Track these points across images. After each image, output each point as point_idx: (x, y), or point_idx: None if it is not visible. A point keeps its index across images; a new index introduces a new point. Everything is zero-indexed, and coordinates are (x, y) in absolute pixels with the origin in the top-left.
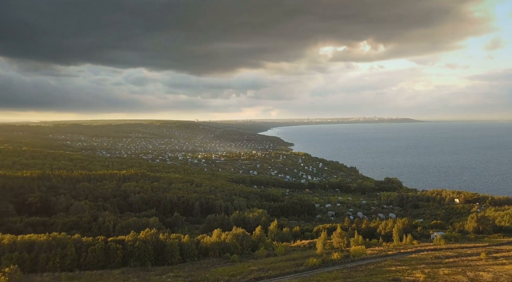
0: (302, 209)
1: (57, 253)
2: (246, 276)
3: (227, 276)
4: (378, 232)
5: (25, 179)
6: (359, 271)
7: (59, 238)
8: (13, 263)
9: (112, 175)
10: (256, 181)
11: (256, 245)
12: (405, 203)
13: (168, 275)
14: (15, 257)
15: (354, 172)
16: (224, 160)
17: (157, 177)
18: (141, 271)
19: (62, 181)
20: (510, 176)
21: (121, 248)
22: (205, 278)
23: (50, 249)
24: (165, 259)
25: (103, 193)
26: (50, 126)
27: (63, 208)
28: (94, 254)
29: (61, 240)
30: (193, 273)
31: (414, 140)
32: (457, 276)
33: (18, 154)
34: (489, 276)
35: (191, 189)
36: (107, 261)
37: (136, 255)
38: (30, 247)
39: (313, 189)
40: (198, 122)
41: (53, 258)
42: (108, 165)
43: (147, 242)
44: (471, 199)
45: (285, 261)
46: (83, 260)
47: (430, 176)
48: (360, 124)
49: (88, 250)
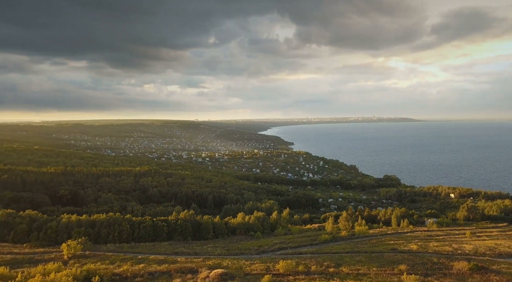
0: (306, 203)
1: (115, 228)
2: (271, 247)
3: (256, 246)
4: (378, 218)
5: (51, 175)
6: (364, 244)
7: (115, 217)
8: (81, 236)
9: (129, 172)
10: (260, 178)
11: (274, 226)
12: (403, 198)
13: (207, 246)
14: (82, 232)
15: (354, 170)
16: (228, 158)
17: (170, 174)
18: (184, 243)
19: (84, 176)
20: (504, 173)
21: (166, 226)
22: (238, 248)
23: (109, 225)
24: (201, 235)
25: (124, 187)
26: (53, 125)
27: (91, 200)
28: (145, 229)
29: (117, 218)
30: (227, 245)
31: (412, 139)
32: (444, 247)
33: (31, 152)
34: (470, 247)
35: (203, 184)
36: (156, 235)
37: (179, 231)
38: (92, 224)
39: (315, 186)
40: (198, 122)
41: (112, 232)
42: (118, 163)
43: (187, 221)
44: (465, 194)
45: (301, 237)
46: (136, 234)
47: (429, 174)
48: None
49: (140, 227)
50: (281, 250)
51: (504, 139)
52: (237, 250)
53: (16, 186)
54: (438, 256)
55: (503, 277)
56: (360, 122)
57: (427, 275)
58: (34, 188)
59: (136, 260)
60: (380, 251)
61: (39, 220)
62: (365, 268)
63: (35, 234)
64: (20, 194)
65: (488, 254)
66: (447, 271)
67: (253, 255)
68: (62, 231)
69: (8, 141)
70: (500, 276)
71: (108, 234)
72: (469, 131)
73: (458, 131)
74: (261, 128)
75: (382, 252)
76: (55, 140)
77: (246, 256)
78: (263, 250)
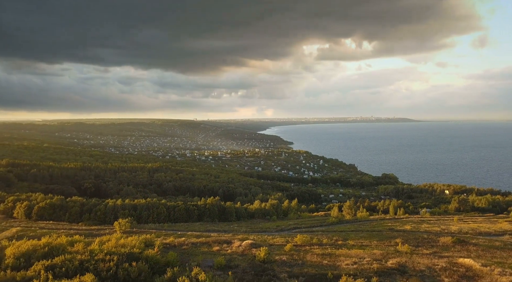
0: (310, 198)
1: (154, 211)
2: (288, 227)
3: (274, 226)
4: (377, 208)
5: (73, 170)
6: (366, 225)
7: (153, 202)
8: (126, 217)
9: (143, 168)
10: (263, 176)
11: (287, 213)
12: (401, 194)
13: (233, 225)
14: (126, 213)
15: (353, 169)
16: (230, 157)
17: (180, 170)
18: (213, 224)
19: (103, 171)
20: (499, 171)
21: (197, 209)
22: (260, 227)
23: (148, 209)
24: (226, 218)
25: (140, 181)
26: (56, 124)
27: (114, 192)
28: (180, 212)
29: (154, 203)
30: (249, 225)
31: (410, 139)
32: (433, 228)
33: (43, 150)
34: (455, 228)
35: (212, 179)
36: (188, 217)
37: (207, 214)
38: (134, 208)
39: (315, 183)
40: (198, 121)
41: (152, 214)
42: (125, 160)
43: (213, 205)
44: (459, 190)
45: (311, 220)
46: (172, 216)
47: (426, 172)
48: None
49: (175, 210)
50: (296, 229)
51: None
52: (259, 229)
53: (44, 180)
54: (428, 234)
55: (479, 247)
56: (358, 122)
57: (418, 246)
58: (60, 181)
59: (177, 235)
60: (379, 230)
61: (88, 204)
62: (367, 241)
63: (87, 215)
64: (51, 186)
65: (470, 233)
66: (434, 243)
67: (273, 232)
68: (109, 213)
69: (16, 139)
70: (476, 246)
71: (148, 216)
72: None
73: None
74: (260, 128)
75: (381, 231)
76: (58, 138)
77: (267, 233)
78: (281, 229)
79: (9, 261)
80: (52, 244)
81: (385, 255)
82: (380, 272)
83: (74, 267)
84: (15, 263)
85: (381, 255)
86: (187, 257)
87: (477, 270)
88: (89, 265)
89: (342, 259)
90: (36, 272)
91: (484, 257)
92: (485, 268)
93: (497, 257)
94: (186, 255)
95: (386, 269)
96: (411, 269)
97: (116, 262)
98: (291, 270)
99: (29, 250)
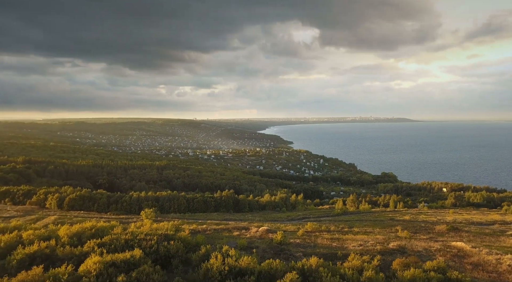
0: (312, 194)
1: (174, 202)
2: (297, 217)
3: (285, 216)
4: (378, 203)
5: (87, 167)
6: (368, 216)
7: (173, 194)
8: (150, 207)
9: (151, 165)
10: (265, 174)
11: (294, 205)
12: (400, 191)
13: (247, 215)
14: (149, 204)
15: (352, 168)
16: (232, 156)
17: (187, 168)
18: (228, 214)
19: (114, 168)
20: (497, 170)
21: (213, 201)
22: (272, 217)
23: (169, 200)
24: (239, 209)
25: (151, 178)
26: (57, 123)
27: (127, 188)
28: (198, 203)
29: (175, 195)
30: (262, 215)
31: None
32: (430, 218)
33: (50, 148)
34: (450, 218)
35: (218, 177)
36: (206, 208)
37: (223, 205)
38: (156, 199)
39: (316, 181)
40: (198, 121)
41: (173, 205)
42: (131, 159)
43: (229, 197)
44: (456, 188)
45: (318, 212)
46: (191, 207)
47: (425, 172)
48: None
49: (194, 201)
50: (305, 218)
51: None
52: (271, 218)
53: (61, 176)
54: (425, 223)
55: (470, 233)
56: (357, 122)
57: (416, 232)
58: (76, 177)
59: (198, 223)
60: (381, 220)
61: (114, 196)
62: (370, 228)
63: (114, 206)
64: (68, 182)
65: (463, 222)
66: (431, 230)
67: (285, 221)
68: (134, 204)
69: (21, 138)
70: (468, 233)
71: (170, 207)
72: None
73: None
74: (260, 127)
75: (383, 220)
76: (60, 137)
77: (279, 221)
78: (291, 219)
79: (65, 239)
80: (97, 226)
81: (387, 239)
82: (383, 252)
83: (121, 244)
84: (70, 241)
85: (383, 239)
86: (212, 240)
87: (467, 251)
88: (133, 243)
89: (349, 242)
90: (90, 248)
91: (474, 241)
92: (474, 249)
93: (486, 241)
94: (210, 238)
95: (388, 250)
96: (410, 250)
97: (157, 240)
98: (305, 250)
99: (79, 231)
